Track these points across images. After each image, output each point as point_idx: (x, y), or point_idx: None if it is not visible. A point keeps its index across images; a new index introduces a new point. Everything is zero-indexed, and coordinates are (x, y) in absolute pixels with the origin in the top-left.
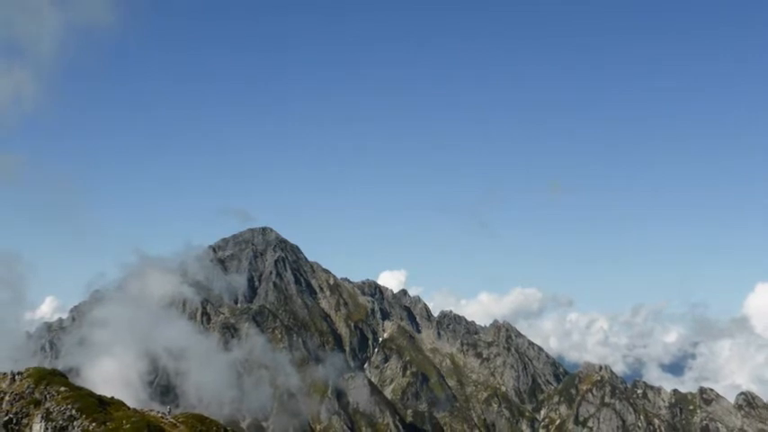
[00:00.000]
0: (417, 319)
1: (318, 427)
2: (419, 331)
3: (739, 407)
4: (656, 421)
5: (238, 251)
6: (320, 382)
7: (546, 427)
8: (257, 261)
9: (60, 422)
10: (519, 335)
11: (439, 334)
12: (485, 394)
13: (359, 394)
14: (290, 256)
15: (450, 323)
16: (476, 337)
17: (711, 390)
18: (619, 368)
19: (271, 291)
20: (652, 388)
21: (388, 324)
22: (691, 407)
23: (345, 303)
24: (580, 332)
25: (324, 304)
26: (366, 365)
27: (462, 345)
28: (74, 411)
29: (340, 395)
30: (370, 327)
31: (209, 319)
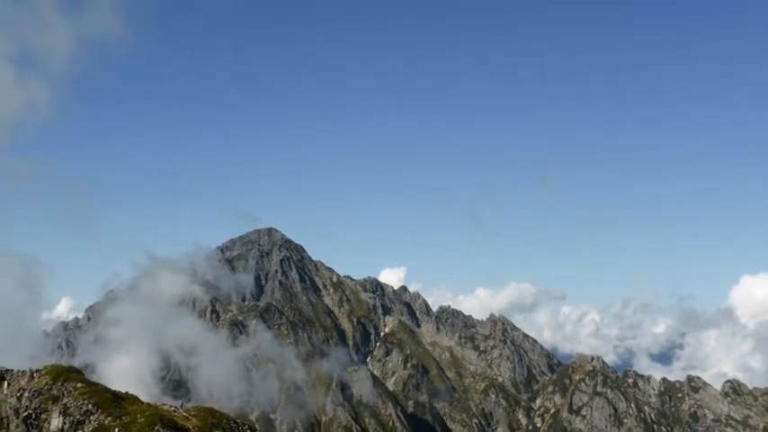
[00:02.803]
0: (417, 314)
1: (324, 418)
2: (419, 326)
3: (726, 394)
4: (647, 409)
5: (245, 251)
6: (325, 376)
7: (541, 415)
8: (263, 260)
9: (77, 417)
10: (514, 328)
11: (438, 328)
12: (482, 385)
13: (362, 387)
14: (295, 256)
15: (449, 318)
16: (473, 330)
17: (699, 378)
18: (610, 358)
19: (277, 289)
20: (642, 377)
21: (389, 319)
22: (679, 395)
23: (348, 300)
24: (573, 324)
25: (328, 301)
26: (368, 359)
27: (460, 338)
28: (90, 406)
29: (344, 388)
30: (371, 322)
31: (218, 317)
